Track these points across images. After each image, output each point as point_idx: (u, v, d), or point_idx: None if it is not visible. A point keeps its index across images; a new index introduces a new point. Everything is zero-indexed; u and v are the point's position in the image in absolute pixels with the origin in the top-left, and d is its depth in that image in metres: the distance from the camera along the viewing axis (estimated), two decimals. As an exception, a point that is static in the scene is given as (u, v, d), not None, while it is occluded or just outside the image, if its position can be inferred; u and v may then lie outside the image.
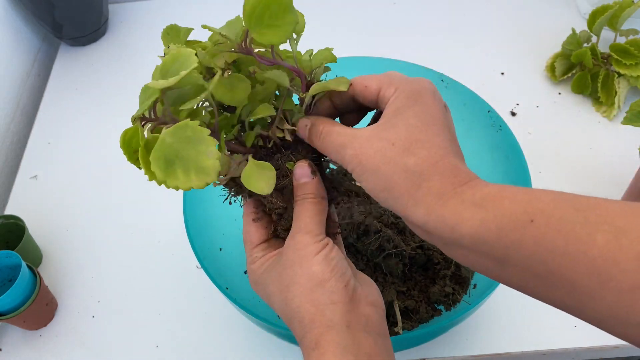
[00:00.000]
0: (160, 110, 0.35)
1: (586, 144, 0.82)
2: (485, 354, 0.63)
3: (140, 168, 0.34)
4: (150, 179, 0.33)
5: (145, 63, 1.03)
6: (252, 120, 0.39)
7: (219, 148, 0.36)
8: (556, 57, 0.90)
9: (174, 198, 0.80)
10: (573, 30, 0.88)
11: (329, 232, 0.43)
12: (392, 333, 0.58)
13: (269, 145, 0.40)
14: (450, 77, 0.66)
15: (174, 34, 0.39)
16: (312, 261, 0.36)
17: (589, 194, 0.33)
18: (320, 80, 0.39)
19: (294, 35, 0.37)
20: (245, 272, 0.65)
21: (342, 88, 0.37)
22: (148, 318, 0.70)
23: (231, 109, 0.40)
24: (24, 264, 0.64)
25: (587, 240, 0.26)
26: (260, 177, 0.36)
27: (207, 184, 0.33)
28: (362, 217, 0.61)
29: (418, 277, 0.61)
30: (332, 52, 0.41)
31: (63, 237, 0.79)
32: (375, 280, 0.60)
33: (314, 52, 0.41)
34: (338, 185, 0.41)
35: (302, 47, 0.39)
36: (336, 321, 0.34)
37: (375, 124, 0.35)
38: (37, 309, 0.67)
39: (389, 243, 0.60)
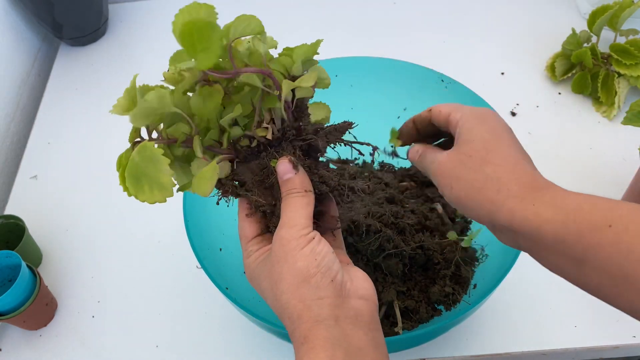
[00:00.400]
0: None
1: (586, 144, 0.82)
2: (485, 354, 0.63)
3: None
4: (129, 195, 0.37)
5: (145, 63, 1.03)
6: (226, 122, 0.40)
7: (196, 154, 0.39)
8: (556, 57, 0.90)
9: (174, 198, 0.80)
10: (573, 30, 0.88)
11: (328, 227, 0.43)
12: (392, 333, 0.58)
13: (254, 145, 0.40)
14: (450, 77, 0.66)
15: (179, 60, 0.42)
16: (297, 256, 0.36)
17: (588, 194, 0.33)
18: (303, 74, 0.41)
19: (259, 37, 0.39)
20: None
21: (305, 84, 0.39)
22: (148, 318, 0.70)
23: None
24: (24, 264, 0.64)
25: None
26: (200, 181, 0.38)
27: (166, 199, 0.36)
28: (363, 217, 0.61)
29: (418, 277, 0.61)
30: (317, 45, 0.41)
31: (63, 237, 0.79)
32: (375, 280, 0.60)
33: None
34: (328, 180, 0.41)
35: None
36: (324, 316, 0.34)
37: (453, 146, 0.39)
38: (37, 309, 0.67)
39: (389, 243, 0.60)
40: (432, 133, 0.45)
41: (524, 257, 0.48)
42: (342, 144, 0.43)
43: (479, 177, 0.36)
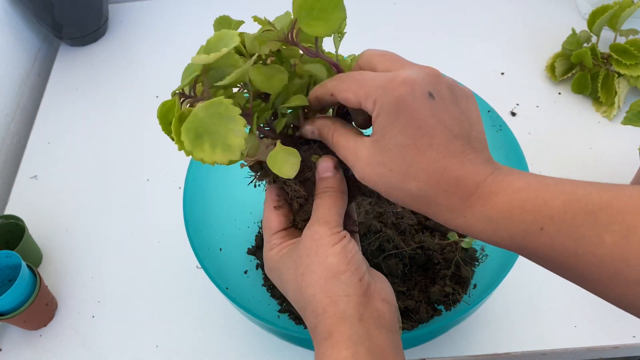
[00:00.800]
0: (200, 91, 0.37)
1: (586, 144, 0.82)
2: (485, 354, 0.63)
3: (173, 140, 0.35)
4: (180, 149, 0.34)
5: (145, 63, 1.03)
6: (284, 108, 0.40)
7: (250, 130, 0.37)
8: (556, 57, 0.90)
9: (174, 198, 0.80)
10: (573, 30, 0.88)
11: (347, 229, 0.43)
12: (392, 333, 0.58)
13: (298, 134, 0.41)
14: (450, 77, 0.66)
15: (225, 24, 0.40)
16: (329, 251, 0.36)
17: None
18: None
19: (338, 35, 0.39)
20: (245, 272, 0.66)
21: None
22: (148, 318, 0.70)
23: (267, 97, 0.40)
24: (24, 264, 0.64)
25: (597, 241, 0.28)
26: (285, 162, 0.37)
27: (231, 162, 0.34)
28: (363, 217, 0.61)
29: (418, 277, 0.61)
30: None
31: (63, 237, 0.79)
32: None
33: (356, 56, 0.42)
34: (362, 185, 0.41)
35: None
36: (349, 313, 0.34)
37: (370, 141, 0.34)
38: (37, 309, 0.67)
39: (389, 243, 0.60)
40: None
41: (524, 258, 0.48)
42: None
43: (404, 195, 0.34)
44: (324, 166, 0.39)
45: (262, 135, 0.39)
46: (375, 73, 0.35)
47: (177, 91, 0.36)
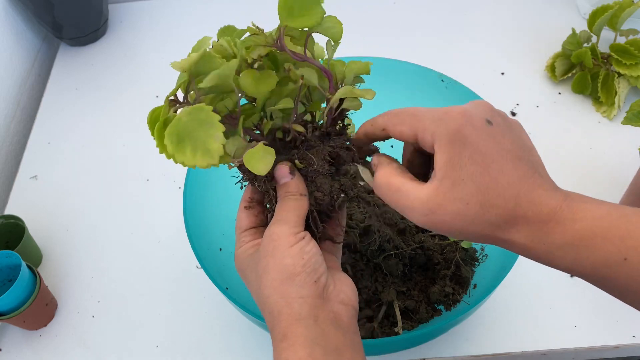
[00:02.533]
0: (193, 98, 0.38)
1: (586, 144, 0.82)
2: (485, 354, 0.63)
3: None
4: (161, 152, 0.36)
5: (145, 63, 1.03)
6: (274, 111, 0.40)
7: (237, 133, 0.38)
8: (556, 57, 0.90)
9: (174, 198, 0.81)
10: (573, 30, 0.88)
11: (332, 234, 0.43)
12: (392, 333, 0.58)
13: (288, 139, 0.41)
14: (450, 77, 0.66)
15: (228, 33, 0.41)
16: (285, 253, 0.36)
17: (588, 194, 0.33)
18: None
19: (332, 43, 0.40)
20: (245, 272, 0.65)
21: (368, 97, 0.39)
22: (148, 318, 0.70)
23: (256, 101, 0.41)
24: (24, 264, 0.64)
25: None
26: (260, 159, 0.38)
27: (210, 165, 0.35)
28: (362, 217, 0.61)
29: (418, 277, 0.61)
30: (368, 65, 0.42)
31: (63, 237, 0.79)
32: (375, 280, 0.60)
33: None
34: (347, 190, 0.41)
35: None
36: (304, 315, 0.35)
37: (437, 181, 0.33)
38: (37, 309, 0.67)
39: (389, 243, 0.60)
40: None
41: (524, 257, 0.48)
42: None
43: (482, 226, 0.32)
44: (280, 173, 0.39)
45: (250, 138, 0.40)
46: (428, 108, 0.35)
47: (170, 97, 0.37)
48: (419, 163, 0.39)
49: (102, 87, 1.00)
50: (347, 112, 0.42)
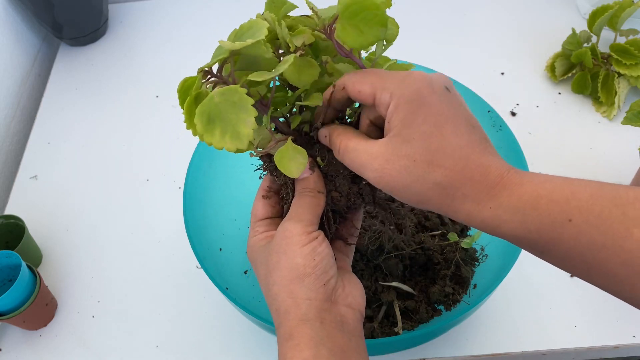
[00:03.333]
0: (227, 72, 0.37)
1: (586, 144, 0.82)
2: (485, 354, 0.63)
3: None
4: (188, 127, 0.35)
5: (146, 63, 1.03)
6: (303, 104, 0.39)
7: (264, 122, 0.38)
8: (556, 57, 0.90)
9: (174, 198, 0.81)
10: (573, 30, 0.88)
11: (347, 235, 0.43)
12: (392, 333, 0.58)
13: (312, 134, 0.41)
14: (450, 77, 0.66)
15: (278, 4, 0.39)
16: (297, 252, 0.36)
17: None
18: None
19: (384, 42, 0.38)
20: (245, 272, 0.66)
21: None
22: (148, 318, 0.70)
23: (293, 88, 0.40)
24: (24, 264, 0.64)
25: (625, 235, 0.28)
26: (292, 160, 0.37)
27: (238, 150, 0.34)
28: (363, 217, 0.61)
29: (418, 277, 0.61)
30: (410, 67, 0.41)
31: (63, 237, 0.79)
32: (375, 281, 0.60)
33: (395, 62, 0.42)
34: (365, 195, 0.41)
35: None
36: (310, 317, 0.35)
37: (387, 138, 0.34)
38: (37, 309, 0.67)
39: (389, 243, 0.60)
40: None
41: (524, 257, 0.48)
42: None
43: (428, 185, 0.32)
44: None
45: (275, 128, 0.40)
46: (392, 71, 0.35)
47: (205, 68, 0.36)
48: (376, 137, 0.38)
49: (102, 87, 1.00)
50: None
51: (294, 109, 0.41)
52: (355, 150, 0.35)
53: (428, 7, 1.07)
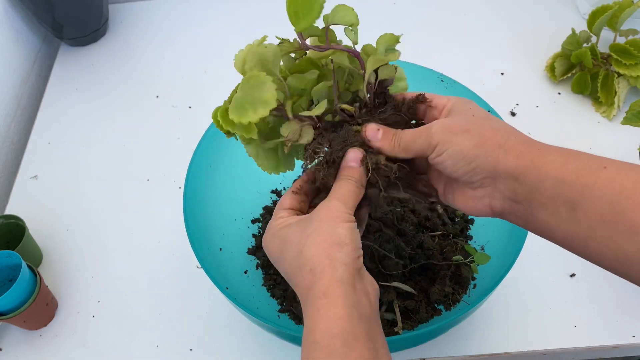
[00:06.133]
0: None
1: (586, 144, 0.82)
2: (485, 354, 0.63)
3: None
4: (226, 127, 0.41)
5: (145, 63, 1.03)
6: (316, 95, 0.44)
7: (287, 114, 0.42)
8: (556, 57, 0.90)
9: (174, 198, 0.81)
10: (573, 30, 0.88)
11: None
12: (392, 333, 0.58)
13: (336, 119, 0.44)
14: (450, 77, 0.66)
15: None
16: (340, 224, 0.38)
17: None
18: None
19: (350, 27, 0.43)
20: (245, 272, 0.66)
21: (393, 58, 0.44)
22: (148, 318, 0.70)
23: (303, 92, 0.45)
24: (24, 264, 0.64)
25: None
26: (265, 157, 0.42)
27: (268, 111, 0.39)
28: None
29: (418, 277, 0.61)
30: (398, 37, 0.46)
31: (63, 237, 0.79)
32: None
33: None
34: (375, 201, 0.43)
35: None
36: (345, 280, 0.36)
37: (448, 116, 0.41)
38: (37, 309, 0.67)
39: (389, 243, 0.60)
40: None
41: (524, 257, 0.48)
42: None
43: (486, 127, 0.38)
44: (353, 156, 0.41)
45: (300, 121, 0.43)
46: None
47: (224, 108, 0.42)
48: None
49: (102, 87, 1.00)
50: (387, 84, 0.44)
51: (313, 103, 0.45)
52: (414, 129, 0.41)
53: (428, 7, 1.07)
